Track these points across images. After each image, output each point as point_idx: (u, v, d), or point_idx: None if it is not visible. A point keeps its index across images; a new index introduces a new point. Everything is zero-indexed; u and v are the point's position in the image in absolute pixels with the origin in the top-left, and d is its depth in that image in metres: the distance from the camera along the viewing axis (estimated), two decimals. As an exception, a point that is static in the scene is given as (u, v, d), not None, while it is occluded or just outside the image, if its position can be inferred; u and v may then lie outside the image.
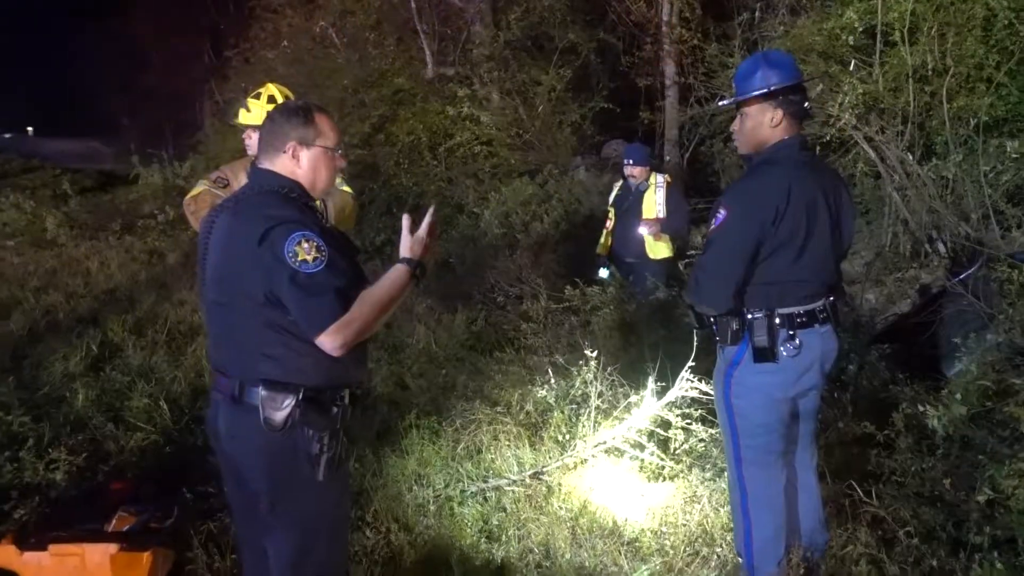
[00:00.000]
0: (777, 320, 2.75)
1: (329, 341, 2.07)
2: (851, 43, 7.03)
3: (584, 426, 4.11)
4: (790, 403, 2.87)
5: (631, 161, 6.20)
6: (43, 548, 2.77)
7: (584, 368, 4.25)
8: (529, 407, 4.49)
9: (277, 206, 2.19)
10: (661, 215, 6.06)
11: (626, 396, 4.22)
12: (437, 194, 7.76)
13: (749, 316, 2.75)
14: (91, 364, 5.25)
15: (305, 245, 2.07)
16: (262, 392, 2.16)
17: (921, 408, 3.18)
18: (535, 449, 4.20)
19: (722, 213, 2.69)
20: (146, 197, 13.20)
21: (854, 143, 7.04)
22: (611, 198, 6.47)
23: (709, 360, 3.92)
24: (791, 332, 2.76)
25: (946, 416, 3.13)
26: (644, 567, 3.34)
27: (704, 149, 9.78)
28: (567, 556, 3.37)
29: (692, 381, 3.83)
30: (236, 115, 3.98)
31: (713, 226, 2.70)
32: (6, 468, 3.62)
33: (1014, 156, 5.88)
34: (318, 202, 3.48)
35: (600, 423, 4.09)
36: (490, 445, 4.24)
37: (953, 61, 6.54)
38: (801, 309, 2.77)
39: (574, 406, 4.37)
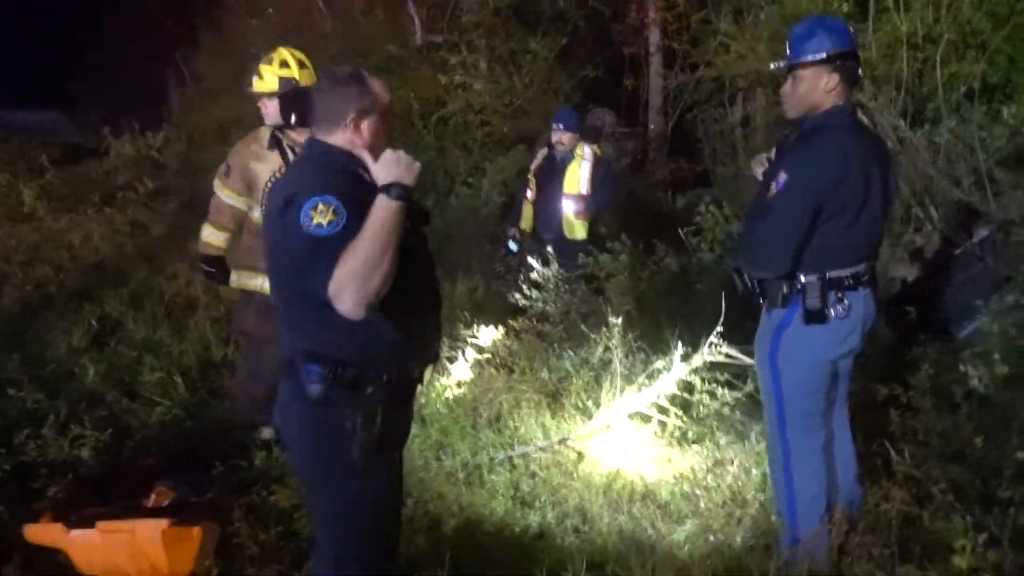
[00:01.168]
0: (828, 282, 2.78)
1: (339, 302, 1.95)
2: (844, 10, 7.07)
3: (608, 392, 4.12)
4: (833, 364, 2.91)
5: (561, 125, 5.60)
6: (91, 525, 2.71)
7: (606, 335, 4.25)
8: (544, 374, 4.50)
9: (312, 172, 2.16)
10: (585, 191, 5.56)
11: (646, 362, 4.25)
12: (428, 165, 7.68)
13: (802, 279, 2.77)
14: (93, 339, 5.14)
15: (321, 207, 1.97)
16: (302, 364, 2.12)
17: (963, 368, 3.23)
18: (556, 416, 4.22)
19: (783, 177, 2.69)
20: (119, 169, 12.88)
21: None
22: (532, 167, 5.94)
23: (731, 325, 3.99)
24: (840, 294, 2.79)
25: (987, 376, 3.18)
26: (680, 529, 3.38)
27: (689, 116, 9.80)
28: (605, 520, 3.39)
29: (719, 345, 3.85)
30: (250, 83, 3.88)
31: (774, 190, 2.70)
32: (28, 446, 3.54)
33: (1010, 122, 5.95)
34: None
35: (624, 389, 4.10)
36: (511, 412, 4.24)
37: (946, 28, 6.60)
38: (848, 271, 2.80)
39: (592, 373, 4.38)
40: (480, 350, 4.67)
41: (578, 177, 5.56)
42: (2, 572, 2.66)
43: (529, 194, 5.88)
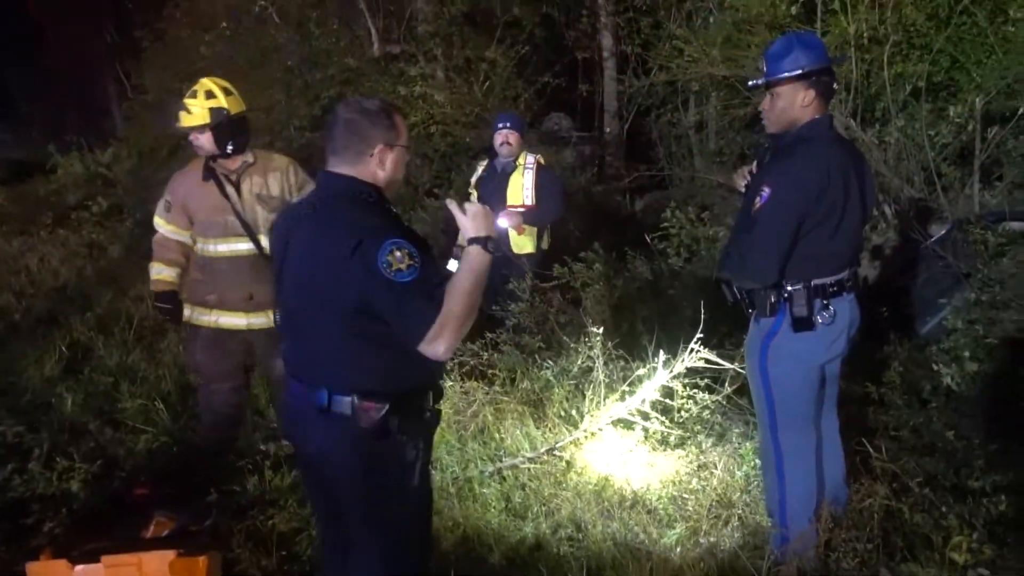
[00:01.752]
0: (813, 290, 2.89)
1: (431, 347, 2.06)
2: (792, 12, 7.28)
3: (591, 400, 4.20)
4: (821, 369, 3.03)
5: (507, 123, 5.23)
6: (95, 560, 2.70)
7: (586, 344, 4.33)
8: (525, 384, 4.56)
9: (362, 214, 2.17)
10: (529, 202, 5.19)
11: (626, 369, 4.34)
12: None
13: (789, 288, 2.88)
14: (65, 367, 5.06)
15: (398, 254, 2.04)
16: (356, 401, 2.16)
17: (935, 367, 3.38)
18: (540, 426, 4.29)
19: (767, 191, 2.79)
20: (68, 187, 12.62)
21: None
22: (473, 178, 5.54)
23: (706, 329, 4.10)
24: (825, 301, 2.90)
25: (958, 373, 3.34)
26: (671, 533, 3.47)
27: (646, 120, 9.95)
28: (598, 528, 3.47)
29: (700, 351, 3.95)
30: (177, 119, 3.82)
31: (759, 204, 2.80)
32: (14, 480, 3.49)
33: (956, 120, 6.20)
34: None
35: (607, 397, 4.18)
36: (495, 424, 4.30)
37: (891, 29, 6.83)
38: (833, 279, 2.92)
39: (573, 382, 4.46)
40: (460, 364, 4.71)
41: (521, 186, 5.22)
42: (8, 613, 2.64)
43: None
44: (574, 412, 4.27)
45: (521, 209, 5.16)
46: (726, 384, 4.14)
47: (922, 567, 2.82)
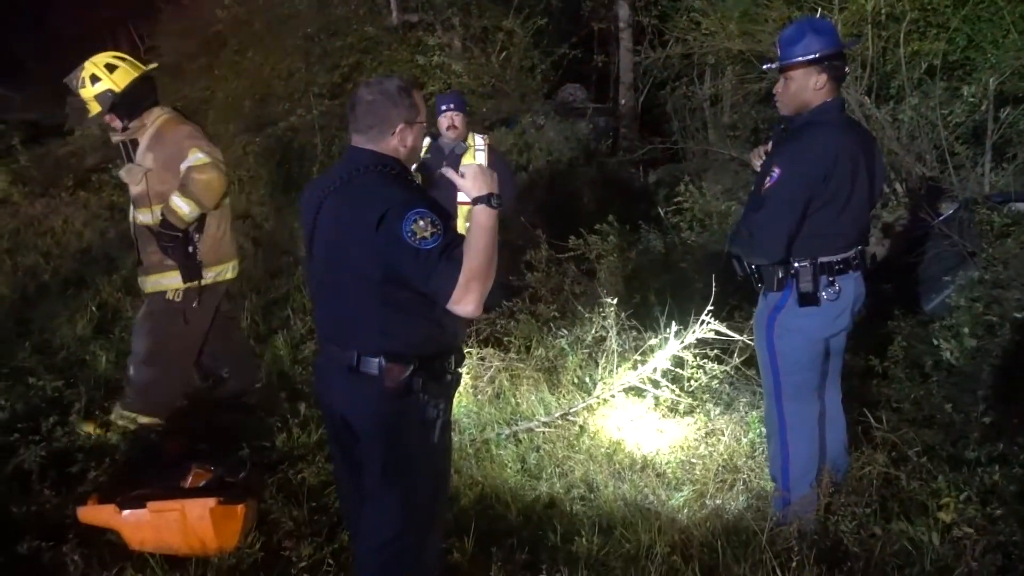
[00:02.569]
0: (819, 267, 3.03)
1: (461, 306, 2.19)
2: (813, -12, 7.31)
3: (604, 368, 4.36)
4: (825, 343, 3.18)
5: (451, 106, 4.92)
6: (142, 506, 2.89)
7: (600, 314, 4.49)
8: (540, 352, 4.73)
9: (386, 186, 2.31)
10: None
11: (638, 339, 4.50)
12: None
13: (796, 264, 3.02)
14: (96, 326, 5.24)
15: (421, 223, 2.17)
16: (383, 363, 2.31)
17: (936, 342, 3.52)
18: (555, 392, 4.46)
19: (776, 172, 2.92)
20: (85, 149, 12.74)
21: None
22: (414, 165, 5.28)
23: (715, 301, 4.24)
24: (831, 278, 3.04)
25: (958, 349, 3.48)
26: (679, 495, 3.65)
27: (662, 93, 9.99)
28: (609, 488, 3.64)
29: (711, 323, 4.10)
30: (88, 111, 3.81)
31: (768, 184, 2.93)
32: (57, 432, 3.68)
33: (970, 100, 6.27)
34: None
35: (620, 365, 4.35)
36: (511, 390, 4.47)
37: (909, 6, 6.88)
38: (839, 257, 3.05)
39: (587, 350, 4.62)
40: (477, 332, 4.88)
41: None
42: (61, 550, 2.82)
43: None
44: (587, 379, 4.45)
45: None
46: (735, 355, 4.29)
47: (913, 526, 2.97)
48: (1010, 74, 6.29)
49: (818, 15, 7.01)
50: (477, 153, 5.05)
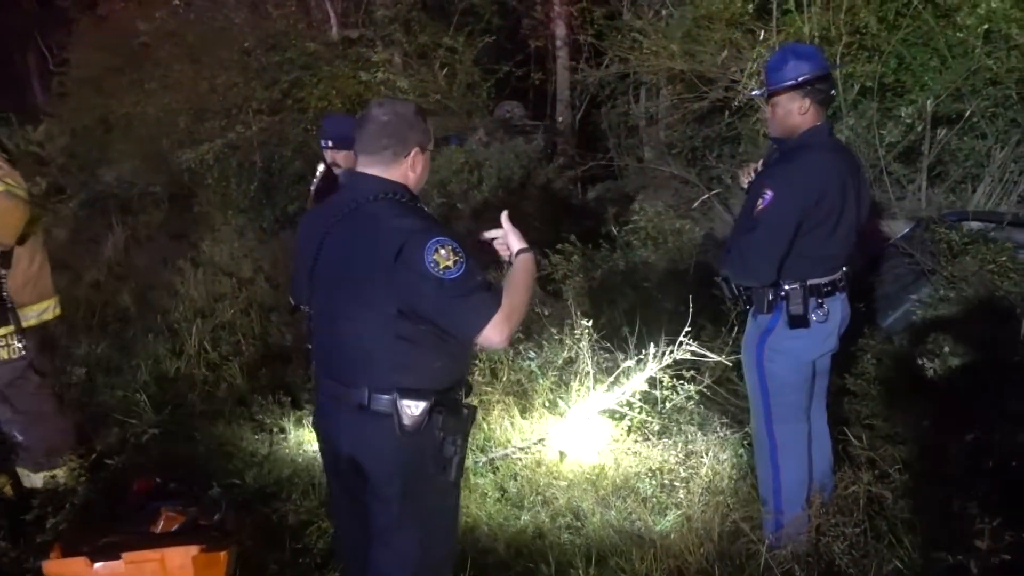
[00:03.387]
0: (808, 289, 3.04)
1: (496, 334, 2.11)
2: (749, 11, 7.50)
3: (578, 391, 4.31)
4: (813, 364, 3.19)
5: (329, 143, 4.15)
6: (115, 557, 2.68)
7: (571, 335, 4.43)
8: (508, 376, 4.63)
9: (400, 216, 2.19)
10: None
11: (610, 360, 4.46)
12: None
13: (785, 287, 3.02)
14: (31, 357, 4.90)
15: (443, 252, 2.08)
16: (398, 400, 2.20)
17: (919, 361, 3.58)
18: (527, 416, 4.38)
19: (768, 195, 2.92)
20: (-2, 165, 12.11)
21: (756, 107, 7.50)
22: (312, 187, 4.60)
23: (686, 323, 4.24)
24: (820, 300, 3.06)
25: (941, 367, 3.55)
26: (665, 520, 3.61)
27: (602, 110, 10.05)
28: (596, 516, 3.58)
29: (689, 344, 4.09)
30: None
31: (760, 207, 2.93)
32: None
33: (907, 121, 6.50)
34: None
35: (593, 387, 4.30)
36: (483, 416, 4.36)
37: (844, 30, 7.09)
38: (827, 279, 3.07)
39: (556, 373, 4.56)
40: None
41: None
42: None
43: None
44: (560, 402, 4.38)
45: None
46: (706, 375, 4.29)
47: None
48: (945, 97, 6.52)
49: (760, 36, 7.23)
50: None
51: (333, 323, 2.29)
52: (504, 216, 2.44)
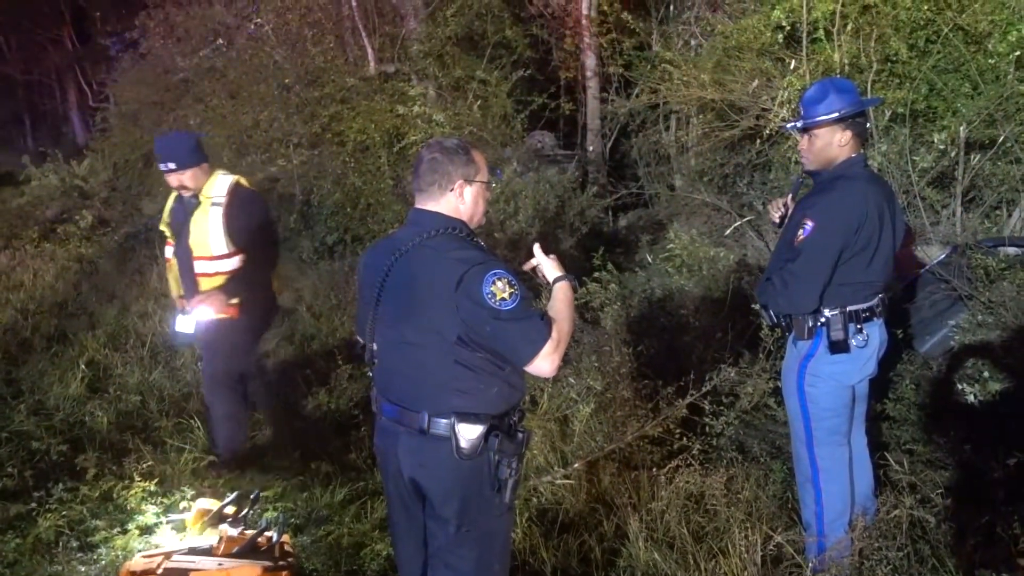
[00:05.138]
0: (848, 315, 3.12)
1: (547, 362, 2.25)
2: (780, 40, 7.59)
3: (616, 418, 4.37)
4: (852, 388, 3.25)
5: (171, 165, 3.84)
6: (182, 576, 2.80)
7: (613, 361, 4.51)
8: (548, 403, 4.72)
9: (459, 248, 2.34)
10: (218, 251, 3.90)
11: (651, 387, 4.53)
12: (389, 193, 7.80)
13: (826, 313, 3.10)
14: (89, 385, 5.09)
15: (500, 284, 2.23)
16: (456, 423, 2.32)
17: (960, 386, 3.62)
18: (569, 442, 4.45)
19: (809, 225, 3.01)
20: (43, 199, 12.50)
21: (787, 135, 7.58)
22: (166, 212, 4.24)
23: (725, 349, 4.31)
24: (859, 326, 3.13)
25: (982, 392, 3.59)
26: (707, 545, 3.65)
27: (634, 141, 10.19)
28: (640, 541, 3.63)
29: (730, 372, 4.16)
30: None
31: (801, 237, 3.02)
32: (64, 497, 3.55)
33: (939, 147, 6.55)
34: None
35: (633, 413, 4.36)
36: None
37: (874, 58, 7.17)
38: (865, 305, 3.14)
39: (596, 400, 4.63)
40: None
41: (206, 231, 3.91)
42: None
43: (168, 251, 4.22)
44: (601, 429, 4.44)
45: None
46: (745, 400, 4.35)
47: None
48: (978, 122, 6.57)
49: (791, 66, 7.32)
50: (212, 209, 3.93)
51: (396, 350, 2.42)
52: (536, 248, 2.59)
